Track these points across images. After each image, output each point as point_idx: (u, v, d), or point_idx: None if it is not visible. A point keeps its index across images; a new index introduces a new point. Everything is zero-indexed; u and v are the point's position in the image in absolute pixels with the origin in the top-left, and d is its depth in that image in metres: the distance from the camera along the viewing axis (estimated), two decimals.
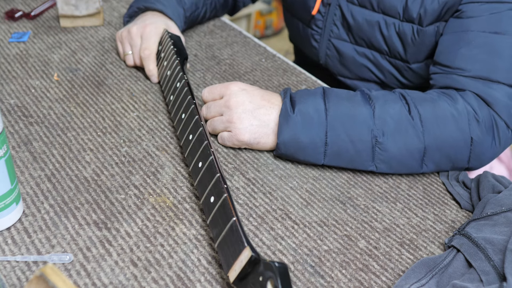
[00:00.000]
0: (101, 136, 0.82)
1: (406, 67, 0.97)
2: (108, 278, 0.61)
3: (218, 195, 0.63)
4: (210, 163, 0.67)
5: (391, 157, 0.76)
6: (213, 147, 0.69)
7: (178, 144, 0.82)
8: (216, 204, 0.62)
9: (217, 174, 0.64)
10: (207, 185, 0.66)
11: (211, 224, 0.63)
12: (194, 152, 0.72)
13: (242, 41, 1.12)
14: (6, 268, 0.61)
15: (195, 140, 0.72)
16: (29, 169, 0.75)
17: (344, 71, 1.05)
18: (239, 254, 0.55)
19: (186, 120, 0.77)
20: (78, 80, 0.95)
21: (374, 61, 0.99)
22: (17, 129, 0.82)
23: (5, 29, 1.10)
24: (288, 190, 0.75)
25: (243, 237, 0.56)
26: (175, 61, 0.87)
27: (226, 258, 0.58)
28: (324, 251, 0.66)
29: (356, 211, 0.73)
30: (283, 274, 0.50)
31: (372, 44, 0.97)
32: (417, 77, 0.98)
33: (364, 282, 0.63)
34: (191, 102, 0.77)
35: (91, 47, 1.05)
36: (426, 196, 0.77)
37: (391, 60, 0.97)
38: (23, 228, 0.66)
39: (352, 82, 1.06)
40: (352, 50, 1.01)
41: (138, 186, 0.73)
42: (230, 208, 0.59)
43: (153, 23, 0.97)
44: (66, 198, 0.71)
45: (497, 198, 0.70)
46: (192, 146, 0.73)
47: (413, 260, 0.67)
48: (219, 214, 0.61)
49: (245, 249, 0.55)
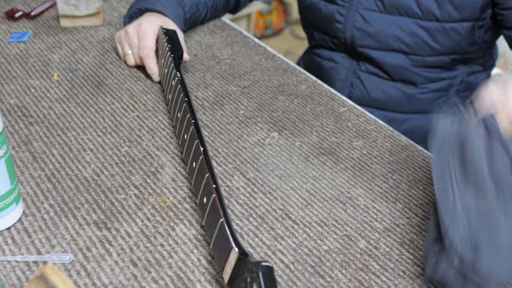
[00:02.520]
0: (101, 136, 0.82)
1: (439, 27, 0.99)
2: (108, 278, 0.61)
3: (208, 195, 0.62)
4: (201, 163, 0.66)
5: None
6: (204, 146, 0.68)
7: (178, 144, 0.82)
8: (207, 205, 0.62)
9: (207, 174, 0.64)
10: (200, 186, 0.65)
11: (206, 226, 0.63)
12: (189, 152, 0.71)
13: (242, 41, 1.12)
14: (6, 268, 0.61)
15: (189, 139, 0.72)
16: (29, 169, 0.75)
17: (371, 42, 1.07)
18: (228, 256, 0.55)
19: (181, 119, 0.77)
20: (78, 80, 0.95)
21: (404, 28, 1.02)
22: (17, 129, 0.82)
23: (5, 29, 1.10)
24: (288, 190, 0.75)
25: (230, 238, 0.55)
26: (169, 58, 0.86)
27: (219, 260, 0.58)
28: (324, 251, 0.66)
29: (356, 211, 0.73)
30: (266, 274, 0.50)
31: (403, 10, 0.99)
32: (449, 40, 1.01)
33: (364, 282, 0.63)
34: (183, 100, 0.77)
35: (91, 47, 1.05)
36: (426, 196, 0.77)
37: (423, 24, 1.00)
38: (23, 228, 0.66)
39: (377, 53, 1.08)
40: (382, 18, 1.03)
41: (138, 186, 0.73)
42: (218, 208, 0.59)
43: (149, 20, 0.97)
44: (66, 198, 0.71)
45: None
46: (187, 145, 0.72)
47: (413, 260, 0.67)
48: (210, 215, 0.61)
49: (232, 250, 0.55)
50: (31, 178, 0.73)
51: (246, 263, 0.53)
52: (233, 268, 0.54)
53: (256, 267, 0.50)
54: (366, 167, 0.81)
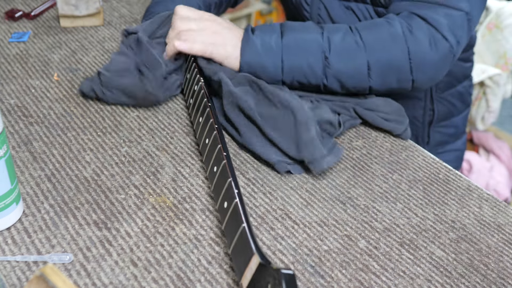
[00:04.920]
0: (101, 136, 0.82)
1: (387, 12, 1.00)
2: (108, 278, 0.61)
3: (230, 200, 0.63)
4: (223, 168, 0.67)
5: (338, 72, 0.85)
6: (226, 152, 0.69)
7: (178, 144, 0.82)
8: (228, 210, 0.62)
9: (229, 179, 0.64)
10: (220, 190, 0.66)
11: (225, 230, 0.63)
12: (210, 156, 0.72)
13: None
14: (6, 268, 0.61)
15: (210, 144, 0.73)
16: (29, 169, 0.75)
17: None
18: (249, 261, 0.55)
19: (203, 123, 0.77)
20: (78, 80, 0.95)
21: (361, 14, 1.04)
22: (17, 129, 0.82)
23: (5, 29, 1.10)
24: (288, 190, 0.75)
25: (252, 244, 0.56)
26: (193, 64, 0.87)
27: (238, 265, 0.58)
28: (324, 251, 0.67)
29: (356, 211, 0.73)
30: (289, 282, 0.50)
31: None
32: None
33: (364, 282, 0.63)
34: (206, 105, 0.78)
35: (91, 47, 1.05)
36: (426, 196, 0.77)
37: (377, 10, 1.02)
38: (23, 228, 0.66)
39: None
40: (340, 6, 1.05)
41: (138, 186, 0.73)
42: (240, 214, 0.59)
43: None
44: (66, 198, 0.71)
45: None
46: (208, 150, 0.73)
47: (413, 260, 0.67)
48: (231, 220, 0.61)
49: (253, 256, 0.55)
50: (31, 178, 0.73)
51: (268, 269, 0.53)
52: (254, 273, 0.54)
53: (279, 275, 0.50)
54: (366, 167, 0.81)
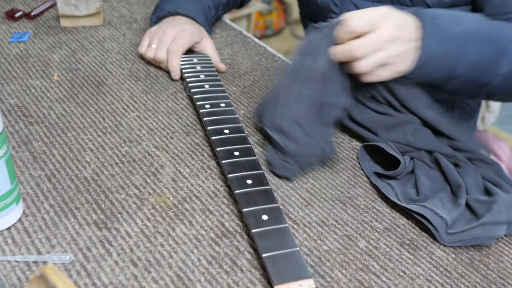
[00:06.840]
0: (101, 136, 0.82)
1: None
2: (108, 278, 0.61)
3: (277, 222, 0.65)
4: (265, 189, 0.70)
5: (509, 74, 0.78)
6: None
7: (178, 144, 0.82)
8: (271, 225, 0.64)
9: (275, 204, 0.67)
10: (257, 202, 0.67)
11: (259, 235, 0.63)
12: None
13: (242, 41, 1.12)
14: (6, 268, 0.61)
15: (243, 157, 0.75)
16: (29, 169, 0.75)
17: None
18: (300, 278, 0.58)
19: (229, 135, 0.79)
20: (78, 80, 0.95)
21: None
22: (17, 129, 0.82)
23: (5, 29, 1.10)
24: (288, 190, 0.75)
25: (307, 268, 0.60)
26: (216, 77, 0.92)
27: (279, 272, 0.59)
28: (324, 251, 0.67)
29: (356, 211, 0.73)
30: None
31: None
32: None
33: (364, 282, 0.63)
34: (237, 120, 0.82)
35: (91, 47, 1.05)
36: None
37: None
38: (23, 228, 0.66)
39: None
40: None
41: (138, 186, 0.73)
42: (292, 239, 0.63)
43: (189, 29, 0.99)
44: (66, 198, 0.71)
45: None
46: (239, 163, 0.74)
47: (413, 260, 0.67)
48: (275, 236, 0.63)
49: (309, 279, 0.58)
50: (31, 178, 0.73)
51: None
52: None
53: None
54: None
